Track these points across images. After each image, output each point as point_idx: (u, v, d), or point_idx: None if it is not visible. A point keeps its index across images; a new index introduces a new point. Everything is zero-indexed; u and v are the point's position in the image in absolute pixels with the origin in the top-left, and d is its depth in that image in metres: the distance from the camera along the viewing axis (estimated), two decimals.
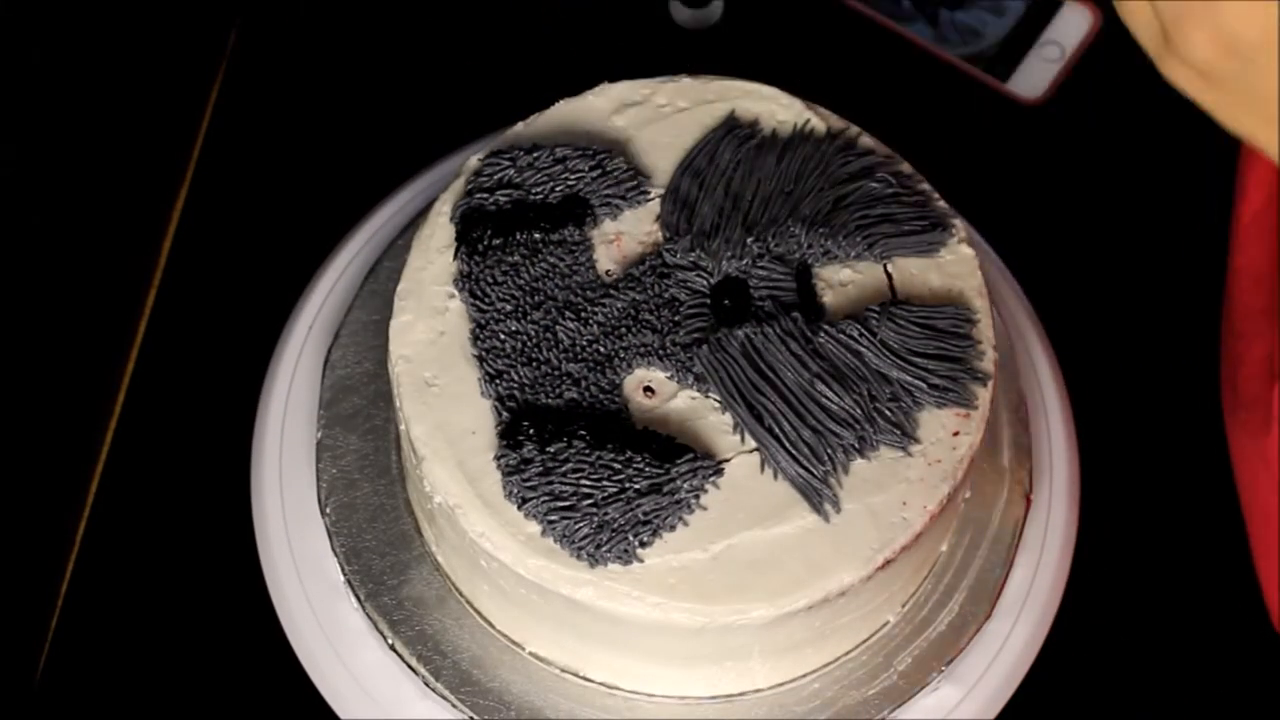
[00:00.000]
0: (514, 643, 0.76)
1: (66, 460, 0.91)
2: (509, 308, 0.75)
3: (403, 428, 0.73)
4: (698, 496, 0.70)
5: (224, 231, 0.99)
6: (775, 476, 0.71)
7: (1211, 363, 0.87)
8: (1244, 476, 0.80)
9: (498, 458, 0.71)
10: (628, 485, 0.69)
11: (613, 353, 0.74)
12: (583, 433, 0.70)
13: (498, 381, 0.73)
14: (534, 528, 0.70)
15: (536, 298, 0.75)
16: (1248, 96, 0.56)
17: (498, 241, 0.76)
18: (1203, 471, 0.85)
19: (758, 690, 0.75)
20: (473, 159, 0.80)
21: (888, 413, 0.72)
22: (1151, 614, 0.86)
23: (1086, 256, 0.96)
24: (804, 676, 0.76)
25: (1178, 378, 0.91)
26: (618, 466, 0.70)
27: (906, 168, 0.79)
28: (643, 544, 0.69)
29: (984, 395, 0.73)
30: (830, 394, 0.71)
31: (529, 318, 0.74)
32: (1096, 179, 0.99)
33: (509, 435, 0.71)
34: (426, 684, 0.76)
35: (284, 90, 1.05)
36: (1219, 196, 0.81)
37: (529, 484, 0.70)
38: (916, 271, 0.76)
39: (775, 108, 0.81)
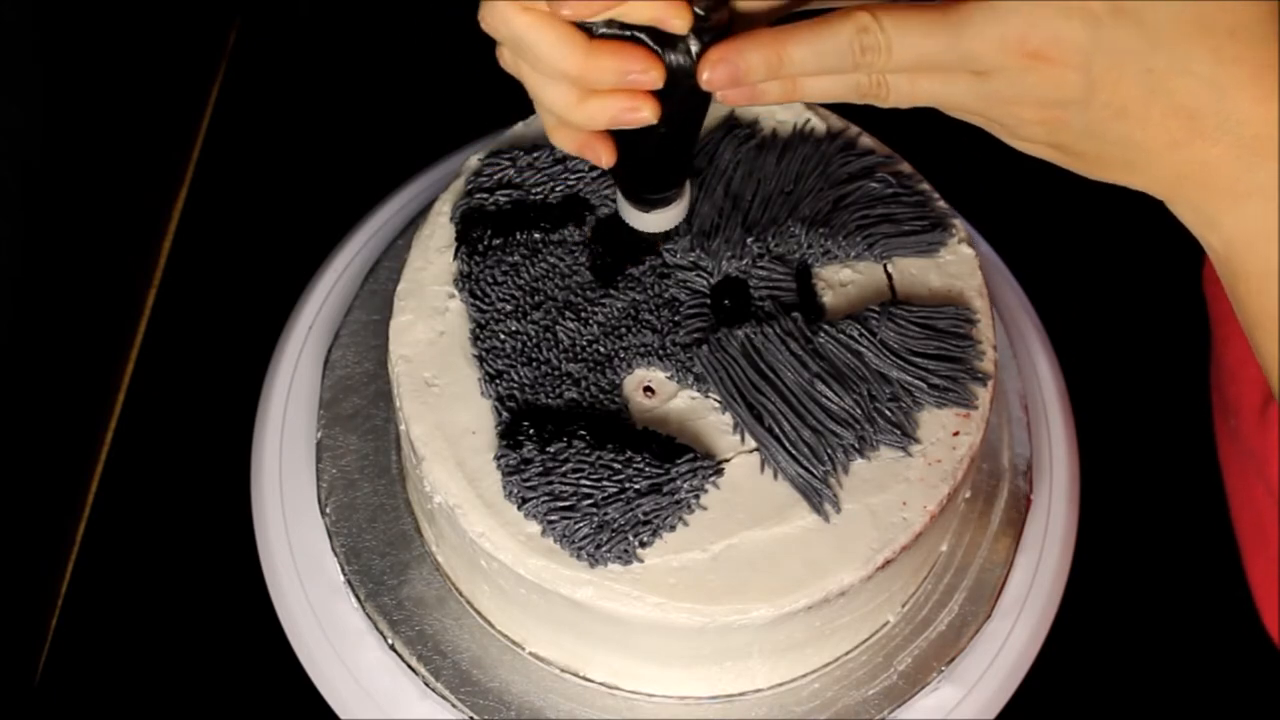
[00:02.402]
0: (514, 643, 0.76)
1: (66, 460, 0.91)
2: (509, 308, 0.75)
3: (403, 428, 0.73)
4: (698, 496, 0.70)
5: (224, 231, 0.99)
6: (775, 476, 0.71)
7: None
8: (1232, 480, 0.80)
9: (498, 458, 0.71)
10: (628, 485, 0.69)
11: (613, 353, 0.74)
12: (583, 433, 0.70)
13: (498, 381, 0.73)
14: (534, 528, 0.69)
15: (536, 298, 0.75)
16: None
17: (498, 241, 0.76)
18: (1202, 471, 0.85)
19: (758, 690, 0.75)
20: (473, 159, 0.80)
21: (888, 413, 0.72)
22: (1150, 614, 0.86)
23: (1086, 256, 0.96)
24: (804, 676, 0.76)
25: (1178, 378, 0.91)
26: (618, 466, 0.70)
27: (906, 168, 0.79)
28: (643, 544, 0.69)
29: (984, 395, 0.73)
30: (830, 394, 0.71)
31: (529, 318, 0.74)
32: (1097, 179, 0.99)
33: (509, 435, 0.71)
34: (426, 684, 0.76)
35: (284, 90, 1.05)
36: None
37: (529, 484, 0.70)
38: (916, 271, 0.76)
39: (775, 107, 0.81)
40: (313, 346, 0.86)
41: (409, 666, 0.76)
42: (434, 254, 0.77)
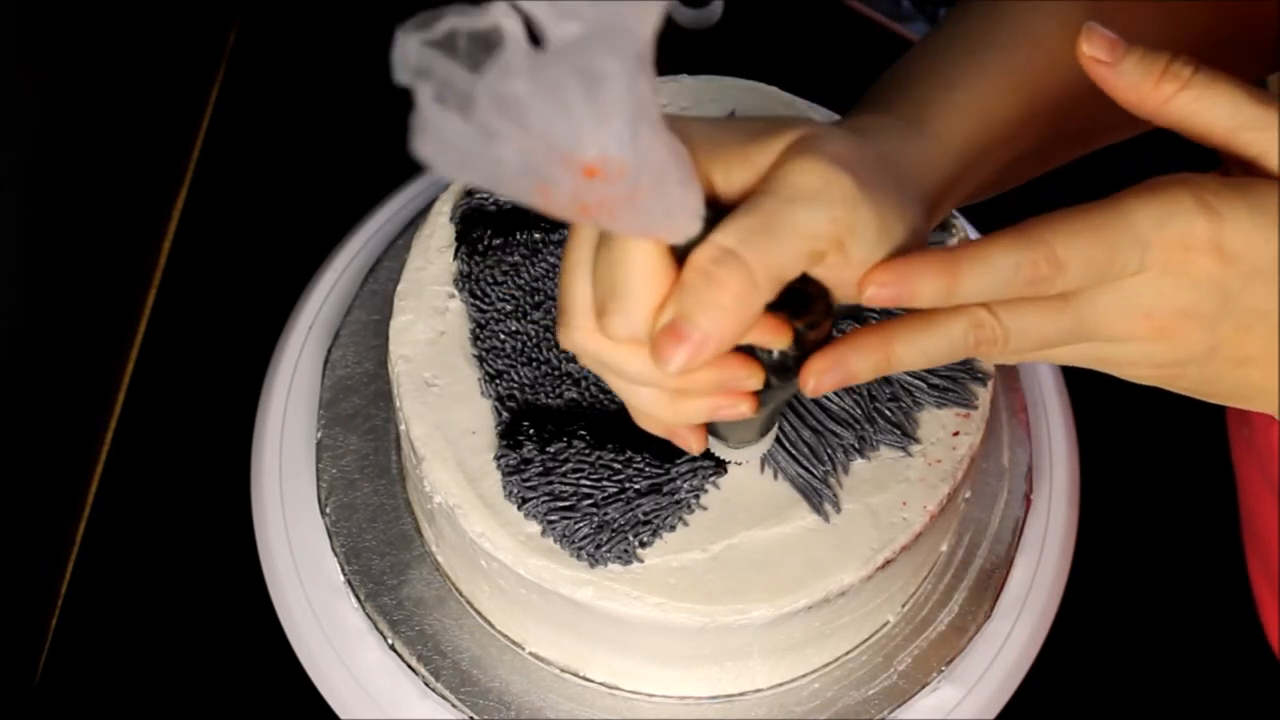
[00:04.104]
0: (514, 643, 0.76)
1: (66, 460, 0.91)
2: (509, 308, 0.75)
3: (403, 428, 0.73)
4: (698, 496, 0.70)
5: (224, 231, 0.99)
6: (775, 476, 0.71)
7: None
8: (1245, 488, 0.80)
9: (498, 458, 0.71)
10: (628, 485, 0.69)
11: None
12: (583, 433, 0.70)
13: (498, 381, 0.73)
14: (534, 528, 0.69)
15: (536, 298, 0.75)
16: None
17: (498, 241, 0.76)
18: (1203, 472, 0.85)
19: (758, 690, 0.75)
20: None
21: (888, 413, 0.72)
22: (1150, 614, 0.86)
23: None
24: (804, 676, 0.76)
25: None
26: (618, 466, 0.70)
27: None
28: (643, 544, 0.69)
29: (984, 395, 0.73)
30: (830, 394, 0.71)
31: (529, 318, 0.74)
32: (1096, 177, 0.99)
33: (509, 435, 0.71)
34: (426, 684, 0.76)
35: (284, 90, 1.05)
36: None
37: (529, 484, 0.70)
38: None
39: (775, 107, 0.81)
40: (313, 346, 0.86)
41: (409, 666, 0.76)
42: (434, 254, 0.77)
